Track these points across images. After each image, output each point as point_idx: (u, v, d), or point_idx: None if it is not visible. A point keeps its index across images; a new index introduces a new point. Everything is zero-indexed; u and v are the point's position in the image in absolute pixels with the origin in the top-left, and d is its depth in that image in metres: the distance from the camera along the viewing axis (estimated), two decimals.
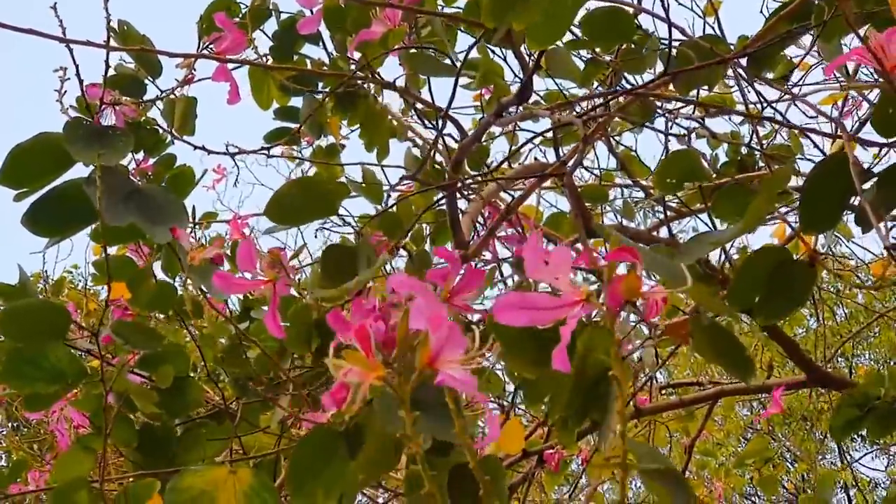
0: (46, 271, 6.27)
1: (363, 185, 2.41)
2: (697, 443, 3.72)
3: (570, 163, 2.02)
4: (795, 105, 2.72)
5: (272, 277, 1.52)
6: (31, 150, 1.60)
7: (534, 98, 2.25)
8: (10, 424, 7.79)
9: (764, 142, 2.72)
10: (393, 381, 0.96)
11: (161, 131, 2.23)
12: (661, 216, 2.55)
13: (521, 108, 1.91)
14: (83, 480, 1.66)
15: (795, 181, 2.04)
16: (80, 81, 1.72)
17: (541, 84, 2.64)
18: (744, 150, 2.75)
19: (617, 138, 2.97)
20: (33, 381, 1.70)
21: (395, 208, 2.10)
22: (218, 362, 2.07)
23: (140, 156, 2.66)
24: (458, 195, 2.08)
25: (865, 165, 1.46)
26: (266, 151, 2.41)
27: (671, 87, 2.27)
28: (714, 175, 3.07)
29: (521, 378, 1.37)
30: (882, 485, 10.53)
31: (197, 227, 3.26)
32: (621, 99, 2.35)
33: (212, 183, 4.22)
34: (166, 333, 2.06)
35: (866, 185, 1.43)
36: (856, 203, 1.44)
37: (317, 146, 2.78)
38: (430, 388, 1.30)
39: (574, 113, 2.19)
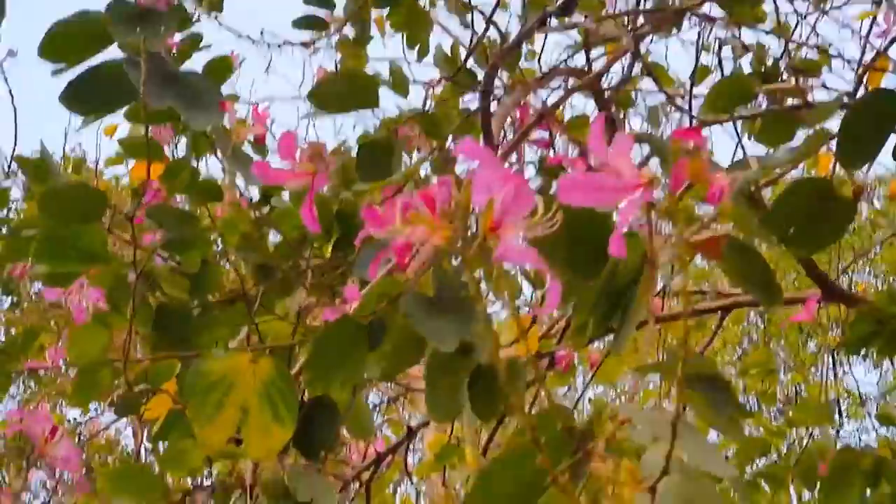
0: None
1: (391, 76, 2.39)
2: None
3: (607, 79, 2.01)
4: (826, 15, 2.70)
5: (311, 170, 1.52)
6: (72, 26, 1.60)
7: None
8: (9, 299, 7.83)
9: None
10: (456, 243, 0.94)
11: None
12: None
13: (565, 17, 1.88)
14: (106, 359, 1.67)
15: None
16: None
17: None
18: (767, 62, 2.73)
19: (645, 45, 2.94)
20: (66, 262, 1.71)
21: (434, 110, 2.08)
22: (238, 248, 2.06)
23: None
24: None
25: None
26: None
27: None
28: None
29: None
30: (872, 398, 10.64)
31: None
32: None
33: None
34: None
35: None
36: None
37: (343, 37, 2.75)
38: (457, 289, 1.31)
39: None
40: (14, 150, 2.40)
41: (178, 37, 2.59)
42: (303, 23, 2.64)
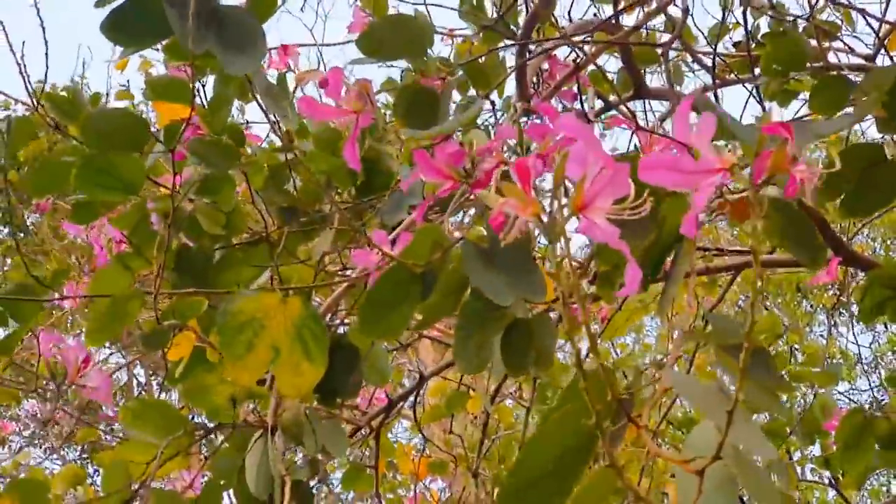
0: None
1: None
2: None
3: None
4: None
5: (358, 108, 1.52)
6: None
7: None
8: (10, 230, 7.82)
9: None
10: (546, 219, 0.95)
11: None
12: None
13: None
14: (138, 291, 1.68)
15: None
16: None
17: None
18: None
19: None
20: (107, 191, 1.71)
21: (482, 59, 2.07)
22: (265, 189, 2.07)
23: None
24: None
25: None
26: None
27: None
28: (755, 45, 3.05)
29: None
30: (866, 360, 10.70)
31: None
32: None
33: None
34: None
35: None
36: None
37: None
38: (514, 248, 1.31)
39: None
40: (44, 84, 2.38)
41: None
42: None
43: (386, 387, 2.74)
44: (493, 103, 2.00)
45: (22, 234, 6.85)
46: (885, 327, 10.33)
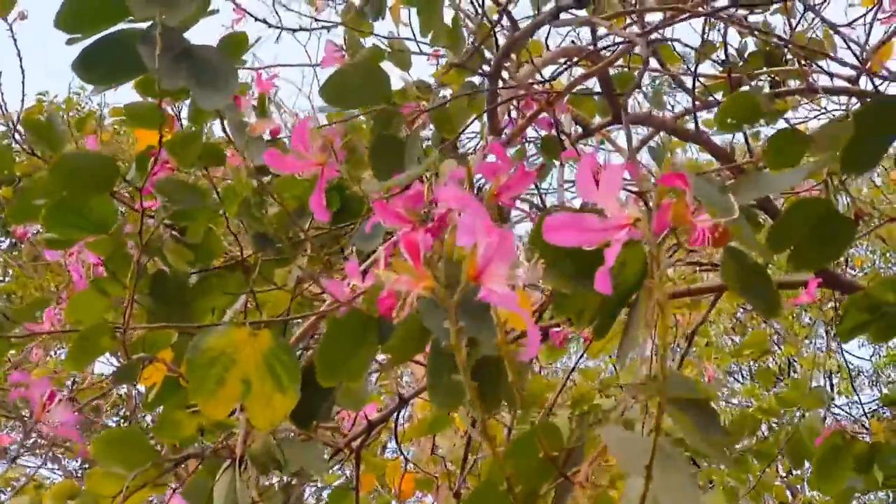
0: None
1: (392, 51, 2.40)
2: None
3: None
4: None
5: (322, 160, 1.54)
6: None
7: None
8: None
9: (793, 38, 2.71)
10: (439, 292, 0.97)
11: None
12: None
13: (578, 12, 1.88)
14: (106, 325, 1.69)
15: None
16: None
17: None
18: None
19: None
20: (75, 230, 1.73)
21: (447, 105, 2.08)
22: (239, 216, 2.07)
23: None
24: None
25: None
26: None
27: None
28: (741, 64, 3.07)
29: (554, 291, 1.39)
30: (865, 373, 10.70)
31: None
32: None
33: (231, 24, 4.07)
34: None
35: None
36: None
37: (352, 7, 2.74)
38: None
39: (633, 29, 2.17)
40: (20, 111, 2.40)
41: None
42: None
43: (370, 405, 2.75)
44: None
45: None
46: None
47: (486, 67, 2.13)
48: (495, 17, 2.09)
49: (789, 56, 2.90)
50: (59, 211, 1.69)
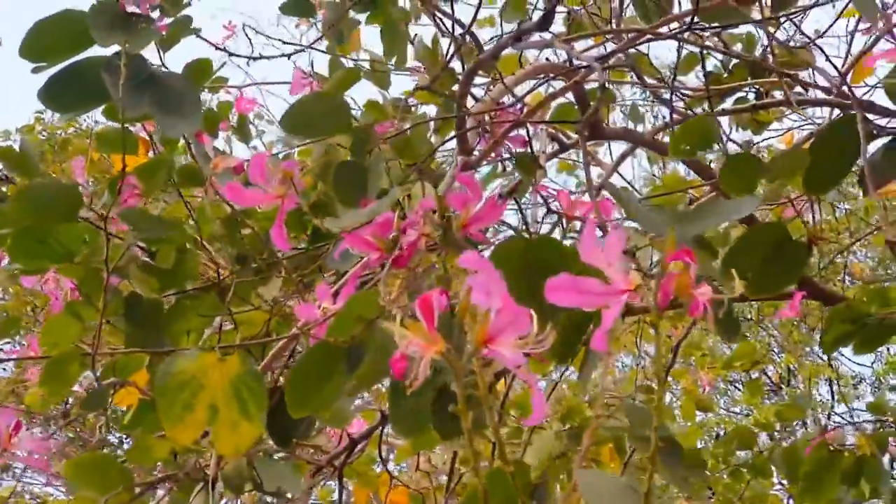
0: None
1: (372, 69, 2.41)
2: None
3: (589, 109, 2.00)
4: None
5: (282, 193, 1.55)
6: (53, 25, 1.61)
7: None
8: None
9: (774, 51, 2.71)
10: (451, 357, 0.97)
11: None
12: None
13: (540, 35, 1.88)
14: (74, 353, 1.69)
15: None
16: None
17: None
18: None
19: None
20: (41, 259, 1.73)
21: (409, 131, 2.09)
22: (214, 238, 2.08)
23: (156, 14, 2.64)
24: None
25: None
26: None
27: None
28: (726, 76, 3.07)
29: None
30: (867, 380, 10.66)
31: (206, 91, 3.24)
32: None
33: (221, 40, 4.08)
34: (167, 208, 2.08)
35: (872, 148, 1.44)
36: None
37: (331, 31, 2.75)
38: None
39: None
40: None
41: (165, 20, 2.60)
42: (290, 8, 2.65)
43: (356, 422, 2.75)
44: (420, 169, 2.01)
45: None
46: (887, 349, 10.29)
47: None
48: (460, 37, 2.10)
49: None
50: (23, 240, 1.70)
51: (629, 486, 1.00)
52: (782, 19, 2.62)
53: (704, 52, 2.57)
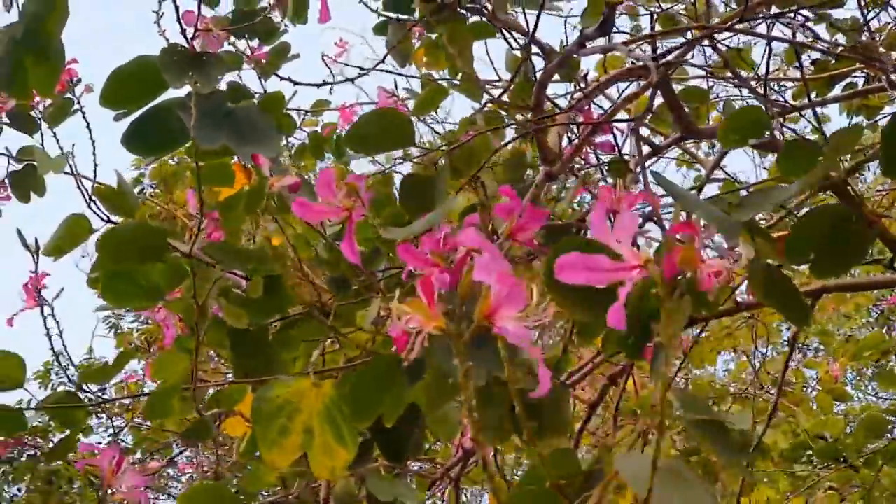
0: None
1: (462, 84, 2.42)
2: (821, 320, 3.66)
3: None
4: None
5: (349, 206, 1.56)
6: (129, 73, 1.66)
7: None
8: None
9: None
10: (451, 331, 0.99)
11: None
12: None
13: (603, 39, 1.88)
14: (175, 388, 1.73)
15: None
16: (177, 7, 1.75)
17: None
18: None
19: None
20: (131, 298, 1.78)
21: (472, 141, 2.10)
22: (312, 262, 2.11)
23: (255, 43, 2.71)
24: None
25: None
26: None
27: None
28: (834, 61, 3.01)
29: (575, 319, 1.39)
30: None
31: (308, 114, 3.30)
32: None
33: (333, 58, 4.13)
34: (262, 235, 2.11)
35: None
36: None
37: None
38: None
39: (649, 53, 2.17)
40: (94, 180, 2.49)
41: (265, 48, 2.68)
42: (382, 29, 2.69)
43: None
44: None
45: None
46: None
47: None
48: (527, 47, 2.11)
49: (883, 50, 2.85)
50: (113, 280, 1.75)
51: (673, 469, 0.99)
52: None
53: (801, 42, 2.53)
